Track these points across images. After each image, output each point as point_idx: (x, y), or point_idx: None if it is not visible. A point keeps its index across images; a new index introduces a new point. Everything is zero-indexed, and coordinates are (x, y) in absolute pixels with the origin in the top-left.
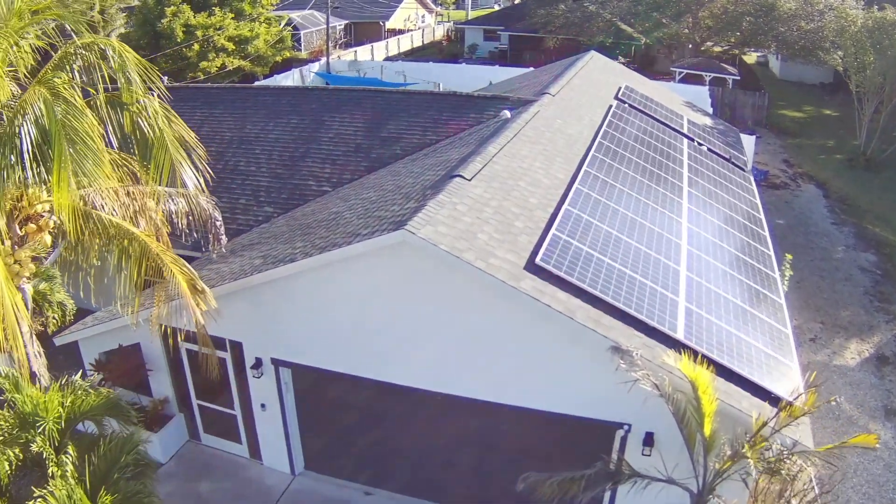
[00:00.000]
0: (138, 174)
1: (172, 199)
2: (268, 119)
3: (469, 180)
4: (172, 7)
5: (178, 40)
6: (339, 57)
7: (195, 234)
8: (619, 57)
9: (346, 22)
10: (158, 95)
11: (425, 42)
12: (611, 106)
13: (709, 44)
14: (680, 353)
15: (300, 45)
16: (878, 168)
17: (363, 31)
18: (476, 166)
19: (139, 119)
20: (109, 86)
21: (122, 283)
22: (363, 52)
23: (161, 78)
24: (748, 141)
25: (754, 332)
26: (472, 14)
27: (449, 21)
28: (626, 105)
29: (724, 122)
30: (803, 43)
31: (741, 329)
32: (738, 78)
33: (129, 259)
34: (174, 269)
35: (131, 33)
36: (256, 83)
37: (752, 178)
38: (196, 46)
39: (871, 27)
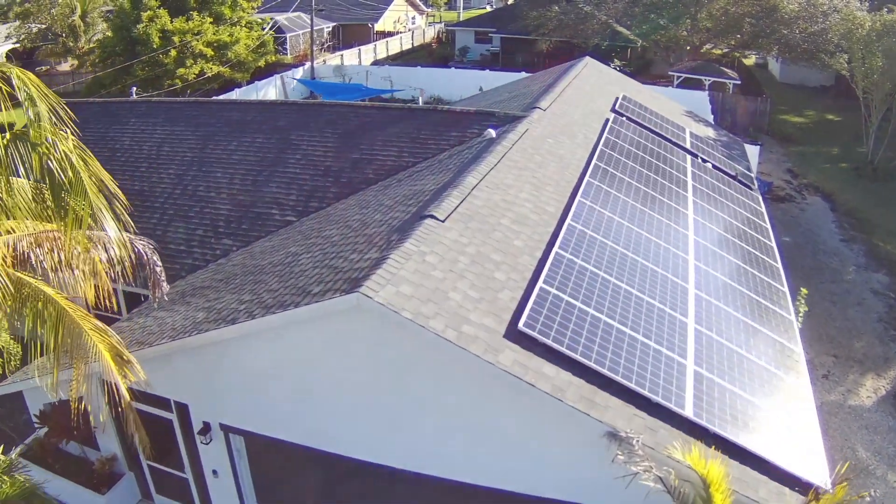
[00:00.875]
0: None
1: (104, 246)
2: (231, 137)
3: (443, 221)
4: (149, 12)
5: (155, 46)
6: (324, 61)
7: (133, 279)
8: (615, 60)
9: (334, 24)
10: (72, 132)
11: (415, 44)
12: (607, 120)
13: (708, 46)
14: (689, 436)
15: (286, 48)
16: (886, 178)
17: (351, 34)
18: (452, 202)
19: (49, 161)
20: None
21: (37, 349)
22: (350, 56)
23: (130, 89)
24: (752, 151)
25: (773, 395)
26: (464, 15)
27: (440, 22)
28: (624, 118)
29: (728, 134)
30: (806, 46)
31: (757, 393)
32: (739, 82)
33: (45, 324)
34: (95, 337)
35: (106, 39)
36: (222, 97)
37: (760, 199)
38: (173, 53)
39: (881, 31)
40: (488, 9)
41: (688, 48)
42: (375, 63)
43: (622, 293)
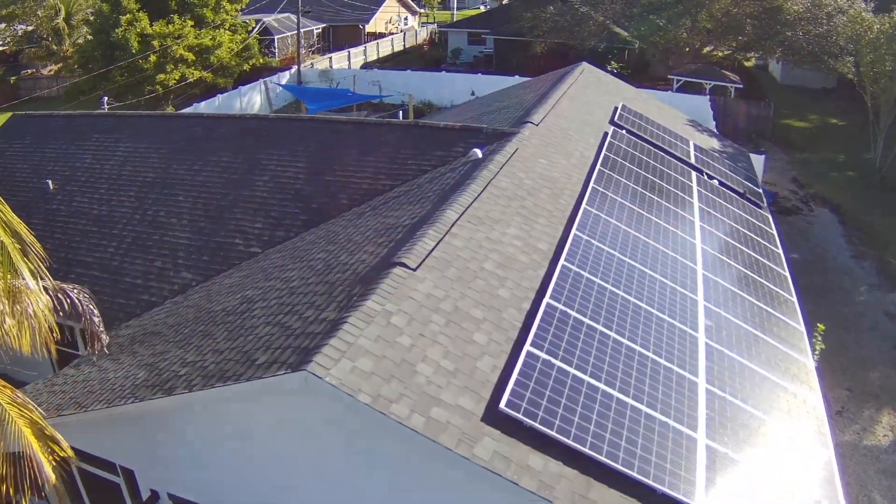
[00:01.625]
0: None
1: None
2: (196, 156)
3: (414, 270)
4: (128, 15)
5: (133, 51)
6: (311, 65)
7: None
8: (612, 62)
9: (324, 25)
10: None
11: (407, 46)
12: (606, 134)
13: (708, 48)
14: None
15: (274, 50)
16: (895, 188)
17: (342, 35)
18: (426, 244)
19: None
20: None
21: None
22: (339, 59)
23: (101, 99)
24: (757, 161)
25: (799, 472)
26: (458, 15)
27: (434, 23)
28: (624, 131)
29: (733, 144)
30: (811, 48)
31: (780, 467)
32: (742, 86)
33: None
34: (13, 412)
35: (85, 44)
36: (203, 104)
37: (770, 219)
38: (153, 58)
39: (890, 33)
40: (482, 9)
41: (687, 50)
42: (365, 66)
43: (623, 351)
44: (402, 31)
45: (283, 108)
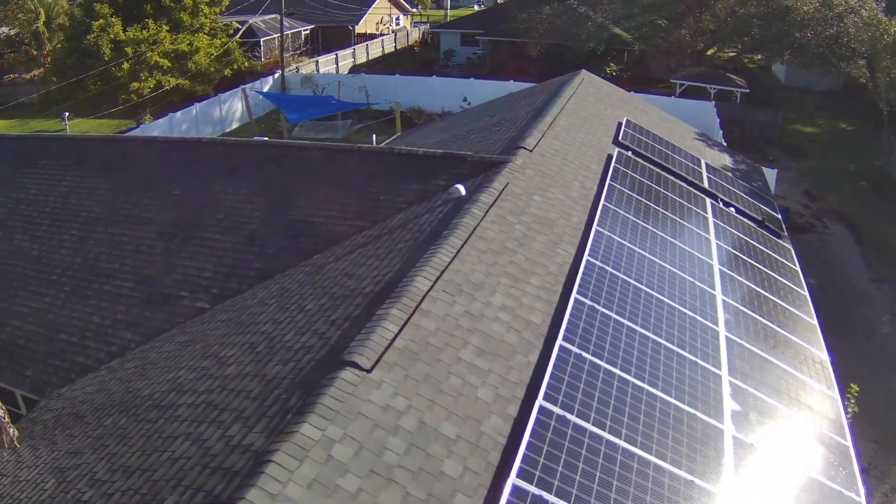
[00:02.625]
0: None
1: None
2: (146, 188)
3: (369, 372)
4: (101, 21)
5: (106, 59)
6: (297, 69)
7: None
8: (611, 64)
9: (312, 26)
10: None
11: (398, 47)
12: (610, 157)
13: (713, 49)
14: None
15: (260, 53)
16: None
17: (331, 37)
18: (387, 332)
19: None
20: None
21: None
22: (326, 62)
23: (62, 114)
24: (769, 174)
25: None
26: (452, 15)
27: (427, 22)
28: (630, 153)
29: (746, 160)
30: (821, 51)
31: None
32: (748, 91)
33: None
34: None
35: (57, 51)
36: (179, 113)
37: (792, 251)
38: (126, 65)
39: None
40: (477, 8)
41: (689, 52)
42: (354, 69)
43: (635, 462)
44: (393, 32)
45: (263, 117)
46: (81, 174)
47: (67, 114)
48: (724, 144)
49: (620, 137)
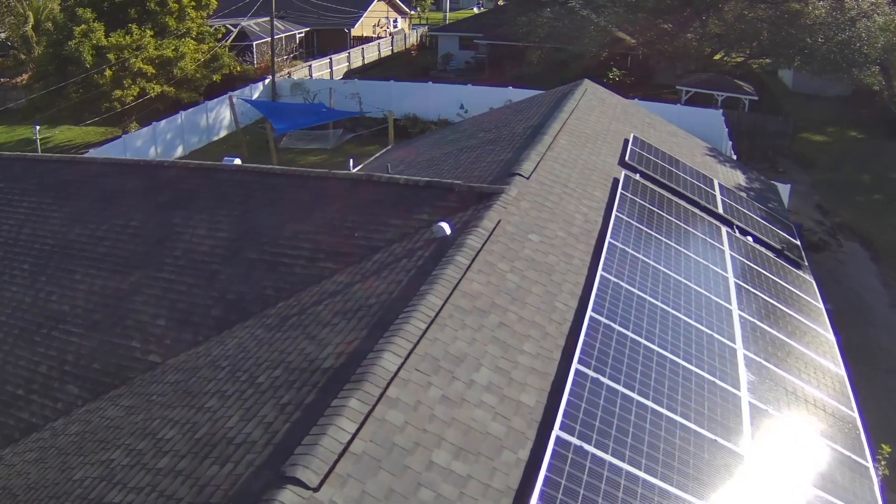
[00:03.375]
0: None
1: None
2: (103, 217)
3: (315, 490)
4: (83, 26)
5: (88, 65)
6: (289, 74)
7: None
8: (613, 69)
9: (307, 29)
10: None
11: (395, 50)
12: (616, 182)
13: (720, 54)
14: None
15: (252, 57)
16: None
17: (327, 40)
18: (339, 435)
19: None
20: None
21: None
22: (320, 67)
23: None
24: (783, 190)
25: None
26: (451, 17)
27: (426, 24)
28: (638, 176)
29: (759, 177)
30: (833, 56)
31: None
32: (757, 98)
33: None
34: None
35: (39, 57)
36: (163, 122)
37: (814, 284)
38: (108, 72)
39: None
40: (476, 11)
41: (696, 56)
42: (349, 73)
43: None
44: (390, 35)
45: (252, 126)
46: (39, 200)
47: (39, 126)
48: (735, 158)
49: (627, 158)
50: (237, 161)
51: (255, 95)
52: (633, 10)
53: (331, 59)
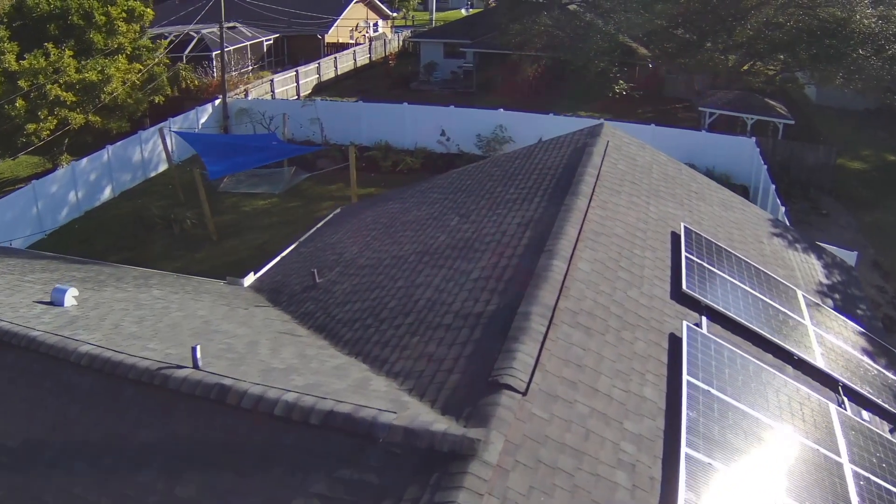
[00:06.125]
0: None
1: None
2: None
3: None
4: None
5: None
6: (245, 93)
7: None
8: (620, 82)
9: (276, 36)
10: None
11: (374, 58)
12: (675, 346)
13: (746, 65)
14: None
15: (213, 69)
16: None
17: (298, 47)
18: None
19: None
20: None
21: None
22: (284, 81)
23: None
24: (849, 258)
25: None
26: (438, 18)
27: (413, 26)
28: (705, 321)
29: (835, 259)
30: (885, 74)
31: None
32: (792, 122)
33: None
34: None
35: None
36: (84, 161)
37: None
38: (20, 102)
39: None
40: (464, 13)
41: (722, 69)
42: (318, 88)
43: None
44: (369, 40)
45: (193, 160)
46: None
47: None
48: (782, 207)
49: (685, 283)
50: (70, 296)
51: (203, 119)
52: (648, 15)
53: (297, 71)
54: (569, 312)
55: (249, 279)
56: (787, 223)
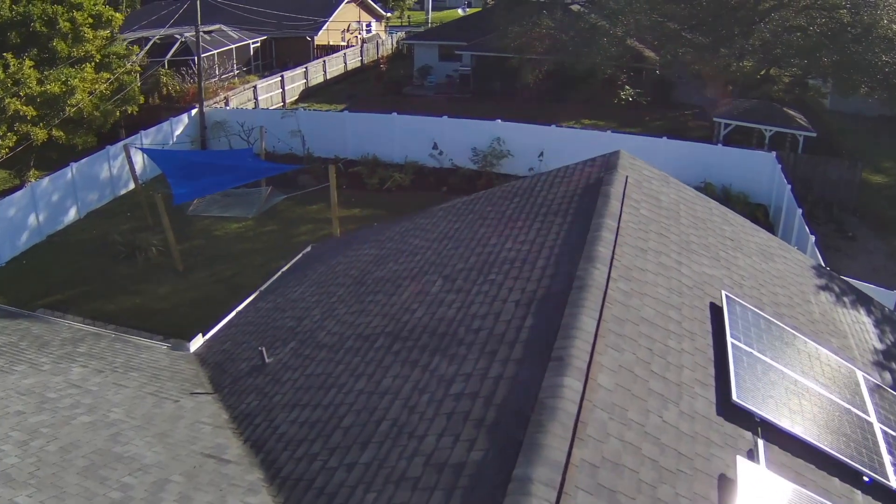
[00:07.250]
0: None
1: None
2: None
3: None
4: None
5: None
6: (225, 101)
7: None
8: (627, 88)
9: (263, 38)
10: None
11: (366, 61)
12: (729, 484)
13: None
14: None
15: (194, 75)
16: None
17: (287, 50)
18: None
19: None
20: None
21: None
22: (268, 88)
23: None
24: (887, 299)
25: None
26: (435, 18)
27: (409, 25)
28: (761, 446)
29: (875, 305)
30: None
31: None
32: (814, 134)
33: None
34: None
35: None
36: (45, 180)
37: None
38: None
39: None
40: (461, 13)
41: (739, 76)
42: (305, 94)
43: None
44: (362, 42)
45: (152, 182)
46: None
47: None
48: (820, 255)
49: (735, 392)
50: None
51: (179, 132)
52: (658, 18)
53: (282, 76)
54: (587, 469)
55: (197, 342)
56: (820, 257)
